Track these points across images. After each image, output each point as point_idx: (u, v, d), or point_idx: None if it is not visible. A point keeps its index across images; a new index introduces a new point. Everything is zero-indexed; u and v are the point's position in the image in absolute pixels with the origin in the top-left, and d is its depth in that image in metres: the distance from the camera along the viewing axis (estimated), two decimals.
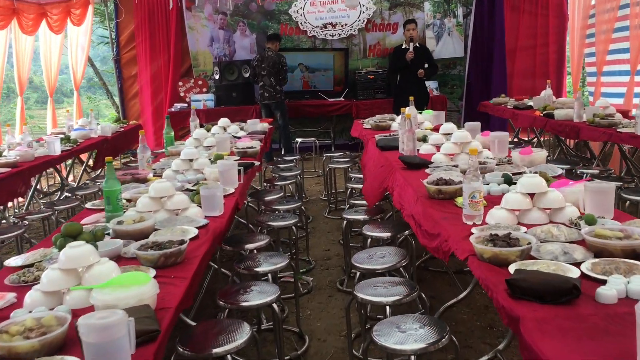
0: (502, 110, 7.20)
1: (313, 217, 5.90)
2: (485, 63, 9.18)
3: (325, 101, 9.05)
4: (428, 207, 2.80)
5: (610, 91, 7.51)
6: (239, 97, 8.94)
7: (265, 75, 8.30)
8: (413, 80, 7.77)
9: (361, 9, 9.20)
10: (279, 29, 9.34)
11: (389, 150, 4.37)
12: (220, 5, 9.23)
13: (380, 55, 9.43)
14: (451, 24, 9.19)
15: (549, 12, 9.02)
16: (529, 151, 3.39)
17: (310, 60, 9.29)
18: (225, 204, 3.11)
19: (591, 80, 8.27)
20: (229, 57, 9.40)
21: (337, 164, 5.87)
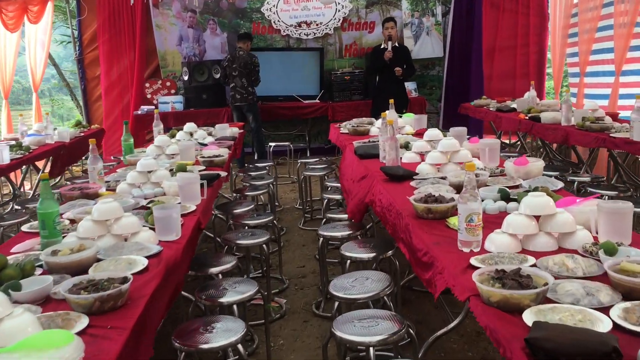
0: (484, 112, 6.90)
1: (287, 228, 5.51)
2: (464, 63, 8.89)
3: (299, 103, 8.67)
4: (417, 229, 2.44)
5: (594, 92, 7.26)
6: (210, 99, 8.52)
7: (237, 76, 7.89)
8: (392, 81, 7.43)
9: (337, 7, 8.84)
10: (251, 28, 8.94)
11: (369, 158, 4.01)
12: (189, 2, 8.79)
13: (357, 55, 9.08)
14: (430, 23, 8.89)
15: (530, 10, 8.77)
16: (524, 162, 3.06)
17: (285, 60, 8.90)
18: (185, 225, 2.72)
19: (573, 81, 8.02)
20: (198, 57, 8.96)
21: (313, 171, 5.49)
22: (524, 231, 2.11)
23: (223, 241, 3.57)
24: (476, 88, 8.59)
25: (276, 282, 4.21)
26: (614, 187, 4.27)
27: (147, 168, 3.45)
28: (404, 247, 2.60)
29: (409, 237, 2.51)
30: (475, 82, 8.70)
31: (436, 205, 2.50)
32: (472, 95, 8.33)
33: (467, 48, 8.81)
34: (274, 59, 8.88)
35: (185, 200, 3.07)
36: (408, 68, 7.44)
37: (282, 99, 8.85)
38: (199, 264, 3.06)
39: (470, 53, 8.76)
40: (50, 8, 8.47)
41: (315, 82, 8.91)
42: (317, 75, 8.88)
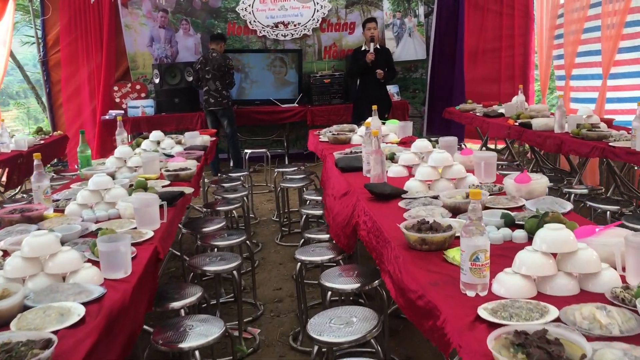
0: (470, 117, 6.58)
1: (262, 244, 5.12)
2: (448, 66, 8.59)
3: (277, 107, 8.28)
4: (409, 264, 2.08)
5: (580, 96, 7.00)
6: (182, 102, 8.09)
7: (210, 79, 7.49)
8: (374, 84, 7.09)
9: (315, 7, 8.47)
10: (226, 28, 8.53)
11: (351, 171, 3.64)
12: (161, 1, 8.36)
13: (337, 57, 8.73)
14: (412, 24, 8.57)
15: (515, 11, 8.50)
16: (526, 179, 2.72)
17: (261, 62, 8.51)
18: (138, 257, 2.33)
19: (559, 84, 7.76)
20: (171, 59, 8.53)
21: (291, 182, 5.11)
22: (540, 272, 1.76)
23: (189, 267, 3.17)
24: (461, 92, 8.29)
25: (250, 307, 3.82)
26: (615, 201, 3.95)
27: (101, 186, 3.04)
28: (391, 283, 2.23)
29: (398, 273, 2.14)
30: (459, 85, 8.40)
31: (432, 235, 2.14)
32: (457, 99, 8.03)
33: (452, 50, 8.51)
34: (250, 61, 8.49)
35: (142, 225, 2.67)
36: (390, 70, 7.11)
37: (259, 103, 8.46)
38: (159, 296, 2.67)
39: (454, 55, 8.46)
40: (11, 6, 7.98)
41: (294, 85, 8.54)
42: (296, 78, 8.51)
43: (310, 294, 3.95)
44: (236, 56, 8.36)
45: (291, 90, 8.55)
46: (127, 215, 2.85)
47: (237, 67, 8.29)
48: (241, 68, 8.45)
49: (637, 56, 5.85)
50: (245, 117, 8.16)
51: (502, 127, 5.73)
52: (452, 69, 8.55)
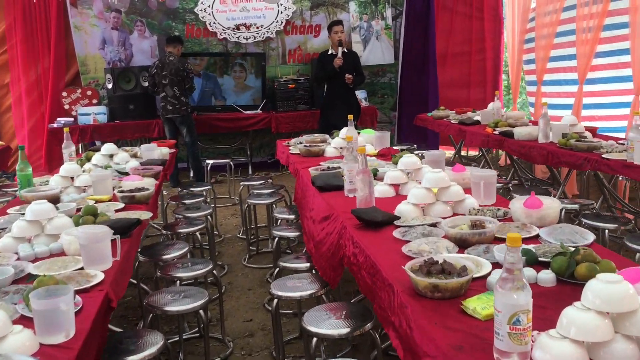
0: (445, 125, 6.30)
1: (228, 266, 4.69)
2: (419, 70, 8.32)
3: (239, 114, 7.86)
4: (421, 318, 1.71)
5: (553, 102, 6.79)
6: (138, 109, 7.59)
7: (167, 84, 7.01)
8: (343, 90, 6.75)
9: (279, 8, 8.08)
10: (184, 30, 8.06)
11: (331, 191, 3.26)
12: (113, 1, 7.82)
13: (302, 61, 8.35)
14: (379, 27, 8.26)
15: (484, 14, 8.29)
16: (537, 203, 2.39)
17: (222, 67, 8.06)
18: (85, 310, 1.90)
19: (531, 89, 7.57)
20: (125, 63, 8.00)
21: (258, 197, 4.69)
22: (595, 337, 1.41)
23: (148, 307, 2.73)
24: (433, 96, 8.04)
25: (217, 344, 3.40)
26: (611, 218, 3.68)
27: (41, 215, 2.57)
28: (398, 340, 1.85)
29: (407, 329, 1.77)
30: (432, 90, 8.13)
31: (445, 281, 1.77)
32: (429, 104, 7.77)
33: (421, 54, 8.25)
34: (210, 65, 8.03)
35: (90, 264, 2.23)
36: (358, 75, 6.78)
37: (220, 110, 8.02)
38: (110, 349, 2.24)
39: (424, 59, 8.19)
40: None
41: (257, 90, 8.12)
42: (259, 83, 8.09)
43: (285, 325, 3.55)
44: (195, 60, 7.90)
45: (254, 95, 8.13)
46: (72, 251, 2.40)
47: (196, 71, 7.84)
48: (202, 73, 7.99)
49: (615, 61, 5.66)
50: (205, 124, 7.71)
51: (479, 136, 5.45)
52: (422, 73, 8.29)
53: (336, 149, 4.44)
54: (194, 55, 7.93)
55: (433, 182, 2.67)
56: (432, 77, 8.15)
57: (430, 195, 2.66)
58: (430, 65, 8.12)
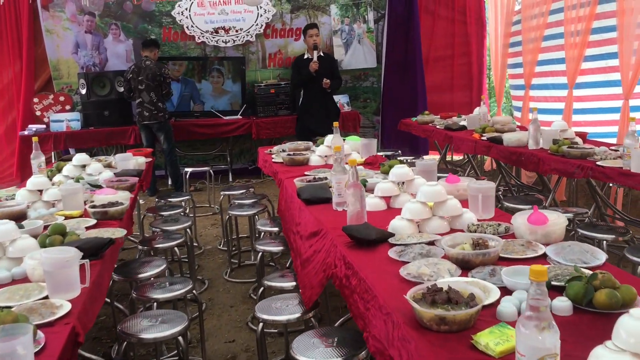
0: (430, 130, 6.15)
1: (209, 280, 4.48)
2: (401, 74, 8.17)
3: (219, 120, 7.63)
4: (427, 355, 1.53)
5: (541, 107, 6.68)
6: (113, 116, 7.32)
7: (144, 90, 6.77)
8: (319, 95, 6.59)
9: (259, 11, 7.88)
10: (161, 34, 7.81)
11: (318, 204, 3.07)
12: (86, 3, 7.55)
13: (282, 65, 8.16)
14: (361, 30, 8.10)
15: (467, 18, 8.18)
16: (542, 219, 2.22)
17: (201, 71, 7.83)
18: (48, 348, 1.69)
19: (517, 94, 7.47)
20: (99, 67, 7.73)
21: (240, 208, 4.48)
22: None
23: (122, 334, 2.52)
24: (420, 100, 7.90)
25: None
26: (608, 228, 3.55)
27: (2, 237, 2.34)
28: None
29: None
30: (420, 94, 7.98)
31: (453, 312, 1.60)
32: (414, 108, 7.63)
33: (405, 57, 8.10)
34: (189, 71, 7.80)
35: (55, 293, 2.02)
36: (335, 79, 6.63)
37: (199, 115, 7.79)
38: None
39: (407, 62, 8.05)
40: None
41: (237, 95, 7.91)
42: (239, 87, 7.88)
43: (270, 345, 3.35)
44: (172, 64, 7.66)
45: (234, 101, 7.91)
46: (37, 277, 2.18)
47: (175, 76, 7.61)
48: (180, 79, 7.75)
49: (603, 65, 5.56)
50: (184, 131, 7.47)
51: (466, 142, 5.31)
52: (406, 77, 8.14)
53: (321, 157, 4.26)
54: (171, 60, 7.70)
55: (429, 195, 2.50)
56: (420, 81, 8.00)
57: (426, 210, 2.49)
58: (417, 69, 7.97)
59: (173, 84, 7.57)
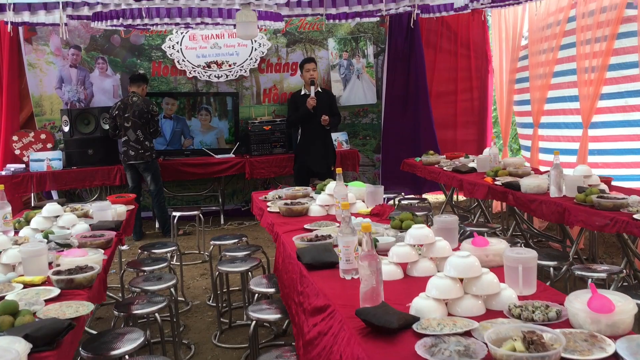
0: (436, 172, 5.73)
1: (196, 345, 3.98)
2: (402, 110, 7.82)
3: (210, 158, 7.22)
4: None
5: (551, 146, 6.32)
6: (97, 154, 6.90)
7: (130, 127, 6.37)
8: (318, 133, 6.19)
9: (253, 45, 7.53)
10: (151, 68, 7.44)
11: (323, 269, 2.63)
12: (72, 37, 7.19)
13: (278, 101, 7.79)
14: (360, 65, 7.77)
15: (471, 52, 7.86)
16: (607, 306, 1.78)
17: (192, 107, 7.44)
18: None
19: (525, 132, 7.10)
20: (84, 103, 7.33)
21: (232, 263, 4.00)
22: None
23: None
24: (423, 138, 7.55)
25: None
26: None
27: None
28: None
29: None
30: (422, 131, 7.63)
31: None
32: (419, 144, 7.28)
33: (407, 93, 7.76)
34: (179, 106, 7.41)
35: None
36: (334, 116, 6.24)
37: (189, 154, 7.38)
38: None
39: (410, 98, 7.71)
40: None
41: (229, 133, 7.51)
42: (232, 124, 7.49)
43: None
44: (162, 100, 7.28)
45: (226, 138, 7.51)
46: None
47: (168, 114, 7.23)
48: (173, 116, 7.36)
49: (622, 103, 5.20)
50: (173, 170, 7.04)
51: (478, 187, 4.89)
52: (407, 113, 7.79)
53: (322, 207, 3.82)
54: (160, 95, 7.31)
55: (461, 270, 2.06)
56: (423, 117, 7.64)
57: (457, 287, 2.04)
58: (420, 105, 7.63)
59: (165, 121, 7.20)
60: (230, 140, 7.46)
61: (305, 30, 7.66)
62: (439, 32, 7.76)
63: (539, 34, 6.35)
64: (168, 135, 7.32)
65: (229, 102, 7.45)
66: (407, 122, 7.82)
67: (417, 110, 7.67)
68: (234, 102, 7.46)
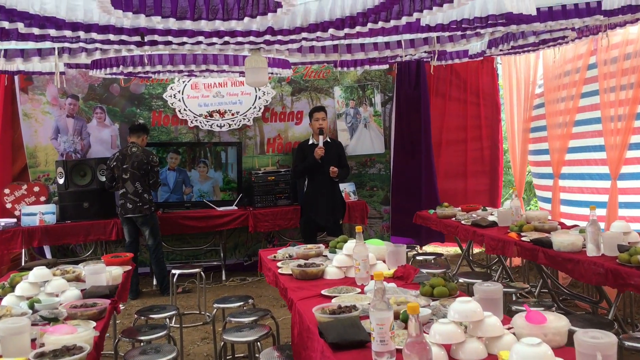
0: (454, 226, 5.38)
1: None
2: (411, 160, 7.54)
3: (212, 211, 6.87)
4: None
5: (576, 198, 6.00)
6: (93, 208, 6.55)
7: (128, 179, 6.06)
8: (326, 184, 5.87)
9: (257, 94, 7.30)
10: (151, 118, 7.18)
11: (350, 349, 2.25)
12: (69, 86, 6.95)
13: (282, 150, 7.50)
14: (367, 114, 7.52)
15: (480, 100, 7.64)
16: None
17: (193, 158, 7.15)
18: None
19: (541, 183, 6.80)
20: (81, 154, 7.03)
21: (237, 332, 3.60)
22: None
23: None
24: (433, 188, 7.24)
25: None
26: None
27: None
28: None
29: None
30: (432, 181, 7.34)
31: None
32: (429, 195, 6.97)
33: (414, 142, 7.50)
34: (180, 156, 7.11)
35: None
36: (342, 167, 5.94)
37: (189, 206, 7.03)
38: None
39: (419, 148, 7.44)
40: None
41: (232, 184, 7.19)
42: (234, 175, 7.18)
43: None
44: (162, 150, 6.99)
45: (229, 190, 7.19)
46: None
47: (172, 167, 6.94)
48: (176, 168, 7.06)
49: None
50: (172, 224, 6.68)
51: (505, 244, 4.52)
52: (416, 163, 7.51)
53: (339, 269, 3.45)
54: (160, 146, 7.02)
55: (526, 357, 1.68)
56: (426, 168, 7.36)
57: None
58: (430, 155, 7.36)
59: (169, 173, 6.91)
60: (225, 188, 7.14)
61: (310, 78, 7.44)
62: (447, 80, 7.55)
63: (556, 81, 6.12)
64: (171, 185, 7.03)
65: (231, 152, 7.16)
66: (416, 173, 7.53)
67: (427, 161, 7.38)
68: (238, 151, 7.16)
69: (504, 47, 5.06)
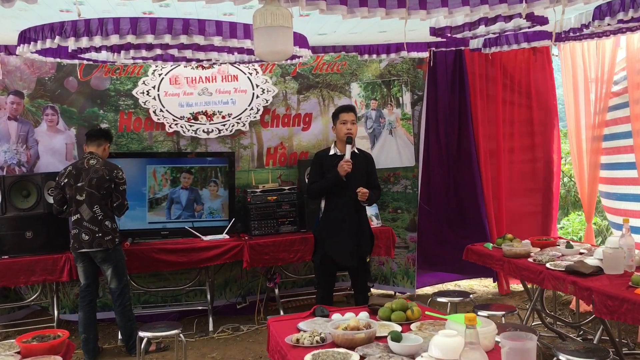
0: (535, 272, 3.84)
1: None
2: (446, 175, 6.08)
3: (196, 241, 5.33)
4: None
5: None
6: (39, 239, 5.01)
7: (84, 201, 4.53)
8: (349, 209, 4.36)
9: (254, 91, 5.77)
10: (117, 121, 5.62)
11: None
12: (12, 79, 5.38)
13: (285, 163, 5.98)
14: (394, 117, 6.02)
15: (532, 102, 6.18)
16: None
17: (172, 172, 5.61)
18: None
19: (615, 206, 5.34)
20: (26, 167, 5.46)
21: None
22: None
23: None
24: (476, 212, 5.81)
25: None
26: None
27: None
28: None
29: None
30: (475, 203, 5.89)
31: None
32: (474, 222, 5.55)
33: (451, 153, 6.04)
34: (156, 171, 5.55)
35: None
36: (373, 188, 4.44)
37: (167, 234, 5.46)
38: None
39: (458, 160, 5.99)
40: None
41: (222, 206, 5.65)
42: (225, 195, 5.64)
43: None
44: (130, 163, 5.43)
45: (218, 213, 5.65)
46: None
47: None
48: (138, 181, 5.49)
49: None
50: (144, 260, 5.11)
51: (630, 305, 3.02)
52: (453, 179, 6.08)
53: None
54: (128, 157, 5.47)
55: None
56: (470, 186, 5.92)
57: None
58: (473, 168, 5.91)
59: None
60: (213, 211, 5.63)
61: (322, 72, 5.93)
62: (490, 77, 6.07)
63: None
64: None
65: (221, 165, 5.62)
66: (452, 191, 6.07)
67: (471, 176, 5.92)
68: (228, 165, 5.63)
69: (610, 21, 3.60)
